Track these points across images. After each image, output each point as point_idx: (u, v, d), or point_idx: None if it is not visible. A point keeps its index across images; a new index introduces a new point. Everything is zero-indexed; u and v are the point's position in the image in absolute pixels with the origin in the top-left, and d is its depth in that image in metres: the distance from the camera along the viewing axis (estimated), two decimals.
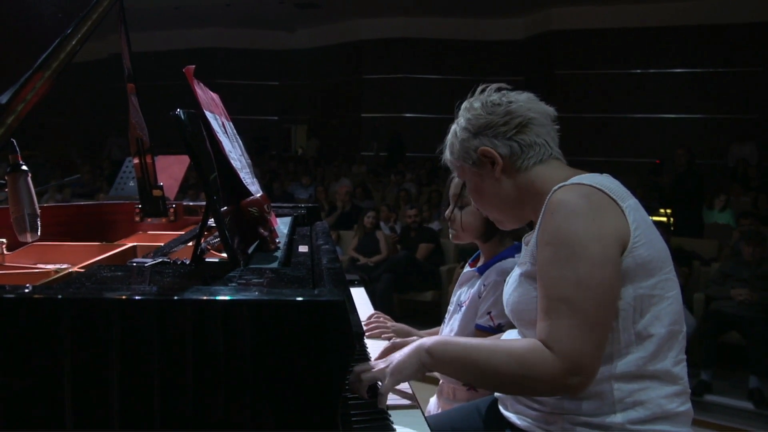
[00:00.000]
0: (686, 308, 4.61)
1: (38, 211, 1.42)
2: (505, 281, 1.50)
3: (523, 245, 1.46)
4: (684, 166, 7.25)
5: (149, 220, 2.43)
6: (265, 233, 1.49)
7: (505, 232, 1.84)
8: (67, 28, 1.41)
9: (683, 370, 1.30)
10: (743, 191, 8.24)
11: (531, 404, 1.34)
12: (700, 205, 7.27)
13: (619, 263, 1.22)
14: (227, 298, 0.96)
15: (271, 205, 1.61)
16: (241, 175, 1.46)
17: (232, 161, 1.42)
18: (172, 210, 2.45)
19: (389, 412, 1.26)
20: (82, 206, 2.64)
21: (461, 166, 1.44)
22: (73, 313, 0.93)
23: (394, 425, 1.21)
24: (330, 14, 14.21)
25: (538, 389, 1.24)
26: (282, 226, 1.93)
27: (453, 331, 1.88)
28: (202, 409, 0.94)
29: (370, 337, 1.91)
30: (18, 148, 1.40)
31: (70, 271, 1.44)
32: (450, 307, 1.97)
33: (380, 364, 1.30)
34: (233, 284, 1.10)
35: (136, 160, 1.68)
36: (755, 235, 5.00)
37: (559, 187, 1.26)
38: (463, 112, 1.43)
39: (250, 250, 1.43)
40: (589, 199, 1.23)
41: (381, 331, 1.94)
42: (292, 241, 1.81)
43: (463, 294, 1.92)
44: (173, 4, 13.16)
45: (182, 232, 2.11)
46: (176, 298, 0.96)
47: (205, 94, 1.43)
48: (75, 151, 14.91)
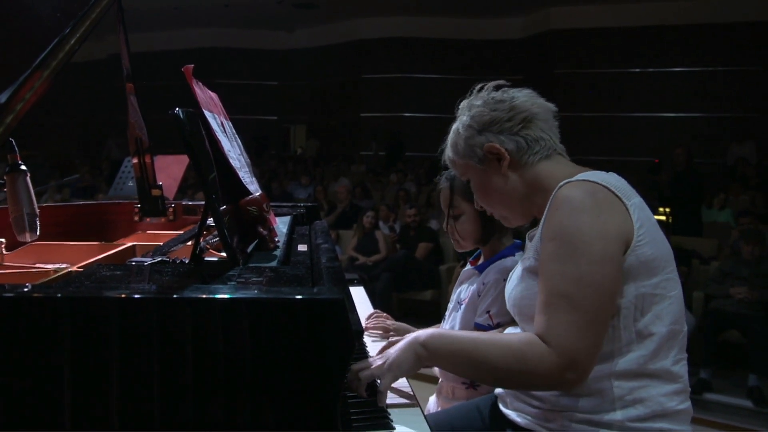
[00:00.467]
0: (686, 307, 4.61)
1: (37, 211, 1.42)
2: (504, 280, 1.49)
3: (527, 241, 1.47)
4: (683, 165, 7.24)
5: (148, 219, 2.43)
6: (264, 232, 1.49)
7: (503, 230, 1.84)
8: (65, 27, 1.41)
9: (683, 368, 1.30)
10: (742, 190, 8.24)
11: (531, 402, 1.34)
12: (699, 204, 7.26)
13: (621, 262, 1.22)
14: (226, 296, 0.96)
15: (270, 204, 1.61)
16: (240, 175, 1.46)
17: (231, 160, 1.42)
18: (171, 209, 2.45)
19: (389, 411, 1.26)
20: (81, 206, 2.65)
21: (466, 164, 1.43)
22: (73, 312, 0.93)
23: (394, 424, 1.21)
24: (328, 14, 14.21)
25: (533, 383, 1.24)
26: (281, 225, 1.93)
27: (453, 329, 1.88)
28: (202, 408, 0.94)
29: (371, 335, 1.91)
30: (17, 148, 1.40)
31: (70, 270, 1.43)
32: (450, 305, 1.97)
33: (377, 361, 1.28)
34: (232, 283, 1.10)
35: (135, 160, 1.68)
36: (754, 233, 5.00)
37: (565, 183, 1.26)
38: (465, 111, 1.42)
39: (249, 249, 1.43)
40: (595, 196, 1.23)
41: (381, 329, 1.95)
42: (292, 240, 1.81)
43: (462, 292, 1.92)
44: (172, 5, 13.15)
45: (181, 232, 2.11)
46: (175, 296, 0.96)
47: (203, 94, 1.43)
48: (74, 151, 14.90)
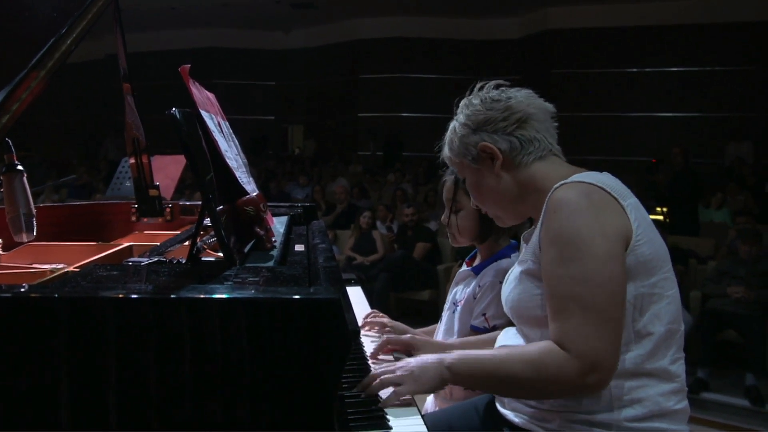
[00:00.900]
0: (683, 306, 4.61)
1: (34, 211, 1.42)
2: (500, 282, 1.49)
3: (522, 242, 1.46)
4: (680, 164, 7.25)
5: (145, 219, 2.42)
6: (261, 232, 1.49)
7: (501, 231, 1.84)
8: (62, 27, 1.41)
9: (681, 368, 1.30)
10: (739, 190, 8.26)
11: (528, 402, 1.34)
12: (696, 203, 7.27)
13: (624, 260, 1.21)
14: (223, 296, 0.96)
15: (268, 205, 1.61)
16: (237, 175, 1.45)
17: (228, 160, 1.42)
18: (168, 210, 2.44)
19: (386, 411, 1.26)
20: (77, 206, 2.64)
21: (461, 162, 1.43)
22: (69, 312, 0.93)
23: (391, 424, 1.21)
24: (326, 14, 14.20)
25: (558, 391, 1.23)
26: (278, 225, 1.92)
27: (451, 331, 1.88)
28: (199, 408, 0.94)
29: (368, 336, 1.90)
30: (13, 148, 1.40)
31: (66, 270, 1.43)
32: (445, 306, 1.97)
33: (399, 370, 1.31)
34: (229, 283, 1.10)
35: (133, 160, 1.68)
36: (751, 233, 5.01)
37: (560, 185, 1.26)
38: (462, 109, 1.42)
39: (246, 249, 1.43)
40: (590, 197, 1.23)
41: (378, 325, 1.93)
42: (289, 240, 1.81)
43: (458, 293, 1.92)
44: (169, 5, 13.14)
45: (179, 232, 2.11)
46: (172, 296, 0.96)
47: (200, 94, 1.43)
48: (71, 151, 14.88)
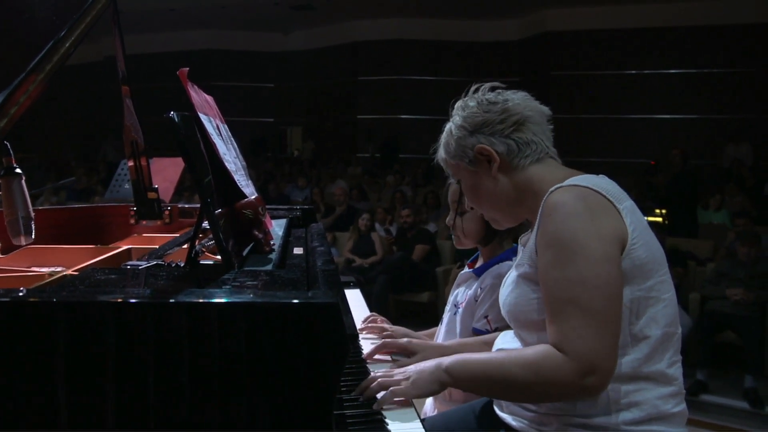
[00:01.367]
0: (682, 308, 4.62)
1: (32, 214, 1.42)
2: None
3: (519, 246, 1.46)
4: (679, 166, 7.26)
5: (144, 222, 2.42)
6: (260, 235, 1.49)
7: (504, 234, 1.84)
8: (60, 30, 1.41)
9: (678, 371, 1.30)
10: (738, 191, 8.27)
11: (526, 405, 1.34)
12: (695, 205, 7.28)
13: (620, 262, 1.21)
14: (221, 300, 0.96)
15: (266, 207, 1.61)
16: (236, 178, 1.45)
17: (227, 163, 1.42)
18: (167, 212, 2.44)
19: (384, 413, 1.26)
20: (76, 209, 2.63)
21: (457, 165, 1.43)
22: (67, 317, 0.92)
23: (390, 427, 1.21)
24: (325, 16, 14.22)
25: (556, 394, 1.23)
26: (277, 228, 1.92)
27: (452, 333, 1.88)
28: (197, 412, 0.93)
29: (367, 338, 1.90)
30: (12, 151, 1.40)
31: (65, 274, 1.43)
32: (446, 308, 1.97)
33: (398, 375, 1.32)
34: (227, 287, 1.10)
35: (131, 163, 1.68)
36: (750, 235, 5.02)
37: (556, 189, 1.26)
38: (458, 111, 1.42)
39: (245, 253, 1.43)
40: (586, 200, 1.23)
41: (377, 330, 1.93)
42: (288, 243, 1.81)
43: (459, 295, 1.92)
44: (168, 6, 13.15)
45: (177, 235, 2.11)
46: (171, 301, 0.96)
47: (199, 97, 1.43)
48: (70, 154, 14.87)
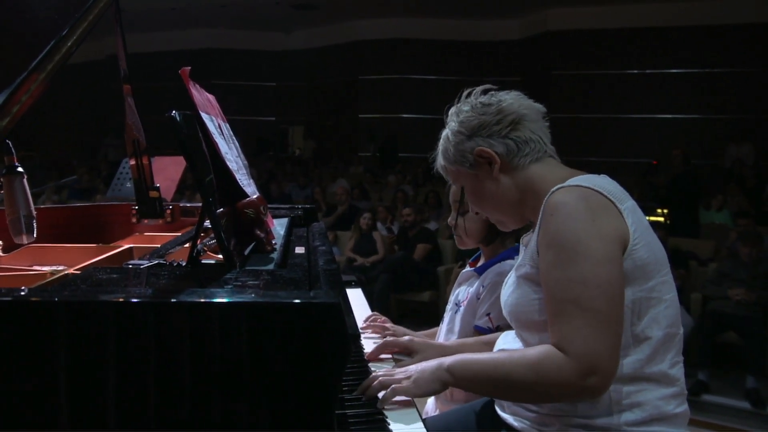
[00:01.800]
0: (683, 308, 4.63)
1: (34, 213, 1.42)
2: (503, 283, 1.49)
3: (521, 246, 1.46)
4: (680, 166, 7.25)
5: (146, 221, 2.42)
6: (262, 235, 1.49)
7: (506, 234, 1.84)
8: (62, 29, 1.41)
9: (680, 371, 1.29)
10: (739, 191, 8.25)
11: (528, 406, 1.34)
12: (696, 205, 7.27)
13: (622, 263, 1.21)
14: (223, 300, 0.96)
15: (268, 207, 1.61)
16: (237, 177, 1.45)
17: (228, 163, 1.42)
18: (168, 211, 2.44)
19: (386, 413, 1.26)
20: (78, 208, 2.64)
21: (457, 171, 1.42)
22: (69, 316, 0.92)
23: (391, 427, 1.21)
24: (326, 15, 14.21)
25: (557, 394, 1.22)
26: (279, 227, 1.92)
27: (453, 332, 1.87)
28: (199, 411, 0.93)
29: (369, 338, 1.90)
30: (14, 150, 1.40)
31: (66, 273, 1.43)
32: (448, 307, 1.96)
33: (399, 374, 1.32)
34: (229, 286, 1.10)
35: (133, 162, 1.68)
36: (752, 235, 5.01)
37: (557, 189, 1.25)
38: (453, 117, 1.42)
39: (247, 252, 1.43)
40: (587, 200, 1.22)
41: (378, 329, 1.93)
42: (289, 242, 1.81)
43: (461, 293, 1.92)
44: (169, 6, 13.15)
45: (179, 233, 2.11)
46: (172, 300, 0.96)
47: (200, 96, 1.43)
48: (72, 153, 14.88)
